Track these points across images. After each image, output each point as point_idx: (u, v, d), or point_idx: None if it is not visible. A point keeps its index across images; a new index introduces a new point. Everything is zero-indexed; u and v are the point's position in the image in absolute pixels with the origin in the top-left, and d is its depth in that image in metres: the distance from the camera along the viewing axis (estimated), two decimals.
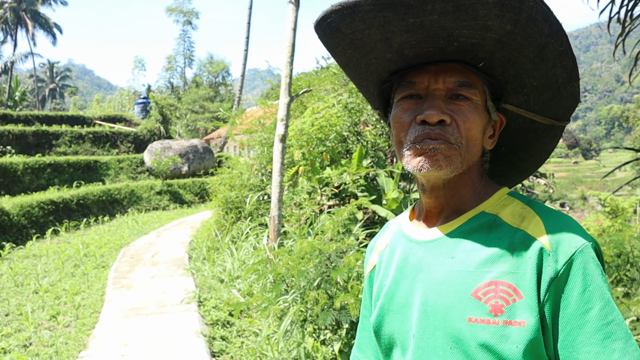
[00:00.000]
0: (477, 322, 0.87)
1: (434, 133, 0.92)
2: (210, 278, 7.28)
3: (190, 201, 19.04)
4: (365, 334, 1.21)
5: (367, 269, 1.22)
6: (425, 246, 1.01)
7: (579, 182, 62.47)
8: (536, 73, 0.94)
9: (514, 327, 0.84)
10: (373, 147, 8.57)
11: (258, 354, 4.38)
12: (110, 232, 12.41)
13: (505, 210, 0.96)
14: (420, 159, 0.93)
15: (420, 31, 0.86)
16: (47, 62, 70.87)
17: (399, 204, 6.92)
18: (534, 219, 0.91)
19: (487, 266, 0.90)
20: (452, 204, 1.01)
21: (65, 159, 18.02)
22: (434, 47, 0.91)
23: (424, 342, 0.94)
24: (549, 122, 1.04)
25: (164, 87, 48.43)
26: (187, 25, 50.82)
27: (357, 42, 0.95)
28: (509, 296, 0.86)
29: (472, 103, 0.95)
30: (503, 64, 0.94)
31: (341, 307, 3.78)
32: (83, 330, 5.27)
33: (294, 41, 6.73)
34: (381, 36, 0.90)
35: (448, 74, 0.95)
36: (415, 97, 0.97)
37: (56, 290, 6.86)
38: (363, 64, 1.01)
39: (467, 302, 0.89)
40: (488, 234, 0.94)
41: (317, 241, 4.53)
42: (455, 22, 0.84)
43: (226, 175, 9.94)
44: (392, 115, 1.00)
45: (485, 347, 0.85)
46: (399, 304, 1.02)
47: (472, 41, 0.88)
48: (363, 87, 1.11)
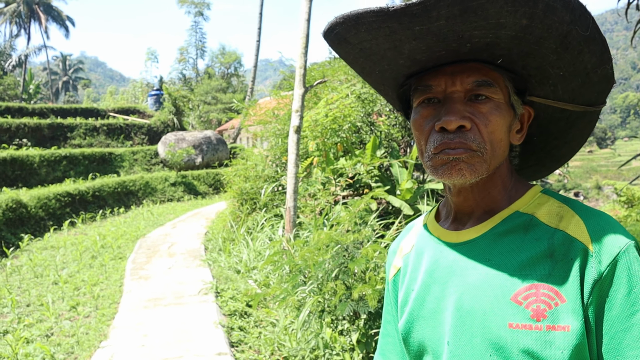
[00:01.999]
0: (519, 328, 0.83)
1: (454, 142, 0.88)
2: (227, 269, 7.34)
3: (205, 192, 19.14)
4: (389, 340, 1.17)
5: (390, 272, 1.17)
6: (458, 249, 0.97)
7: (593, 171, 61.85)
8: (561, 63, 0.88)
9: (558, 332, 0.81)
10: (387, 137, 8.55)
11: (276, 344, 4.42)
12: (126, 224, 12.53)
13: (541, 210, 0.92)
14: (443, 170, 0.90)
15: (428, 37, 0.83)
16: (60, 54, 71.38)
17: (413, 194, 6.91)
18: (574, 219, 0.87)
19: (526, 269, 0.86)
20: (482, 205, 0.97)
21: (80, 151, 18.19)
22: (446, 50, 0.87)
23: (459, 349, 0.90)
24: (581, 108, 0.98)
25: (176, 79, 48.63)
26: (199, 17, 50.91)
27: (367, 51, 0.92)
28: (551, 300, 0.83)
29: (494, 103, 0.90)
30: (523, 58, 0.89)
31: (359, 297, 3.80)
32: (103, 321, 5.35)
33: (308, 32, 6.72)
34: (389, 45, 0.88)
35: (465, 74, 0.90)
36: (434, 101, 0.92)
37: (75, 281, 6.96)
38: (377, 71, 0.99)
39: (507, 307, 0.85)
40: (524, 234, 0.90)
41: (334, 232, 4.54)
42: (464, 24, 0.80)
43: (241, 167, 9.98)
44: (412, 122, 0.96)
45: (528, 354, 0.82)
46: (430, 309, 0.98)
47: (486, 40, 0.84)
48: (381, 91, 1.08)
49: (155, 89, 32.67)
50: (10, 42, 47.06)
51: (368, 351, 3.85)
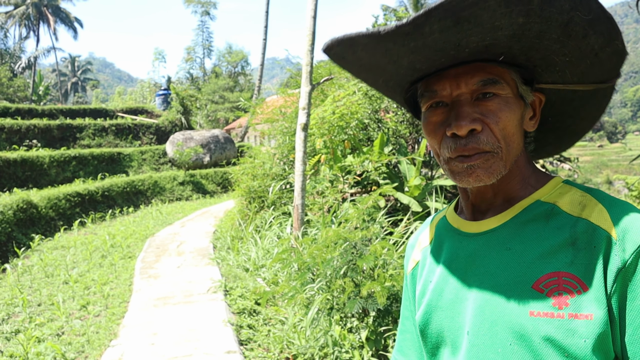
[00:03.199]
0: (540, 316, 0.82)
1: (467, 148, 0.88)
2: (235, 267, 7.35)
3: (213, 191, 19.20)
4: (407, 336, 1.17)
5: (409, 266, 1.17)
6: (477, 239, 0.96)
7: (604, 165, 61.46)
8: (566, 50, 0.86)
9: (581, 321, 0.80)
10: (394, 134, 8.52)
11: (285, 341, 4.42)
12: (135, 223, 12.59)
13: (563, 199, 0.91)
14: (460, 177, 0.90)
15: (425, 50, 0.83)
16: (68, 56, 71.81)
17: (422, 190, 6.89)
18: (597, 207, 0.86)
19: (547, 257, 0.85)
20: (502, 195, 0.97)
21: (90, 151, 18.30)
22: (445, 58, 0.86)
23: (479, 339, 0.89)
24: (593, 86, 0.96)
25: (183, 78, 48.80)
26: (205, 16, 51.03)
27: (367, 66, 0.93)
28: (573, 288, 0.82)
29: (502, 98, 0.89)
30: (525, 52, 0.87)
31: (368, 295, 3.79)
32: (113, 320, 5.38)
33: (314, 29, 6.70)
34: (388, 60, 0.88)
35: (469, 75, 0.89)
36: (442, 105, 0.92)
37: (85, 281, 7.00)
38: (381, 81, 1.00)
39: (528, 295, 0.84)
40: (546, 223, 0.89)
41: (342, 229, 4.54)
42: (459, 34, 0.79)
43: (248, 165, 10.00)
44: (423, 127, 0.96)
45: (550, 342, 0.81)
46: (448, 300, 0.97)
47: (484, 44, 0.83)
48: (390, 97, 1.08)
49: (163, 88, 32.78)
50: (19, 44, 47.41)
51: (377, 348, 3.84)
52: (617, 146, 78.14)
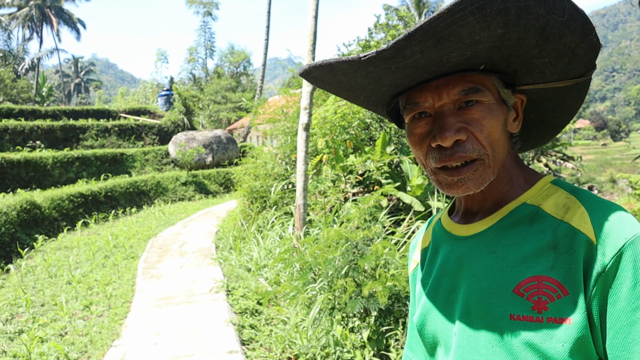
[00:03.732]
0: (520, 320, 0.83)
1: (454, 158, 0.88)
2: (238, 267, 7.36)
3: (215, 191, 19.22)
4: (414, 333, 1.17)
5: (410, 267, 1.19)
6: (466, 242, 0.98)
7: (607, 164, 61.28)
8: (544, 52, 0.86)
9: (560, 325, 0.80)
10: (396, 133, 8.52)
11: (287, 341, 4.42)
12: (138, 223, 12.62)
13: (548, 201, 0.91)
14: (449, 189, 0.92)
15: (406, 70, 0.84)
16: (71, 57, 72.02)
17: (424, 190, 6.89)
18: (579, 210, 0.86)
19: (529, 261, 0.86)
20: (491, 199, 0.98)
21: (93, 152, 18.34)
22: (427, 73, 0.87)
23: (465, 341, 0.91)
24: (573, 82, 0.96)
25: (186, 79, 48.84)
26: (207, 16, 51.06)
27: (347, 86, 0.94)
28: (553, 292, 0.82)
29: (485, 105, 0.89)
30: (505, 60, 0.88)
31: (369, 294, 3.79)
32: (116, 320, 5.39)
33: (315, 29, 6.71)
34: (369, 81, 0.89)
35: (450, 86, 0.89)
36: (425, 116, 0.92)
37: (88, 281, 7.02)
38: (362, 98, 1.00)
39: (509, 299, 0.85)
40: (530, 226, 0.89)
41: (343, 229, 4.54)
42: (440, 52, 0.80)
43: (250, 165, 10.01)
44: (408, 139, 0.96)
45: (529, 346, 0.82)
46: (441, 302, 0.99)
47: (465, 57, 0.83)
48: (372, 110, 1.08)
49: (165, 89, 32.79)
50: (23, 45, 47.56)
51: (379, 348, 3.84)
52: (621, 144, 77.91)
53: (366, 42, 10.07)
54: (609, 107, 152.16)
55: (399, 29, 9.38)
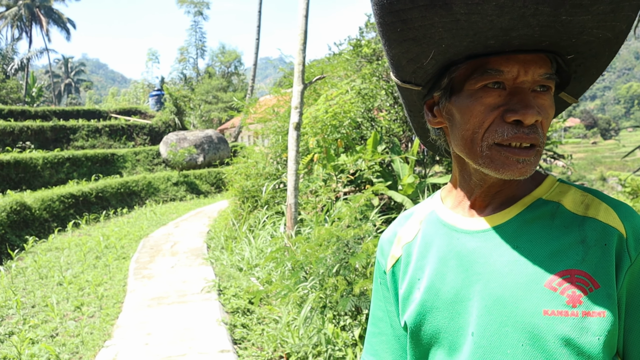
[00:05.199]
0: (555, 315, 0.81)
1: (530, 138, 0.83)
2: (229, 267, 7.36)
3: (207, 191, 19.19)
4: (382, 338, 1.10)
5: (388, 263, 1.10)
6: (479, 236, 0.93)
7: (597, 162, 61.73)
8: (609, 60, 0.86)
9: (594, 318, 0.79)
10: (387, 132, 8.55)
11: (279, 340, 4.43)
12: (130, 224, 12.57)
13: (566, 198, 0.90)
14: (505, 169, 0.84)
15: (556, 27, 0.75)
16: (61, 57, 71.48)
17: (415, 189, 6.92)
18: (601, 206, 0.87)
19: (558, 255, 0.84)
20: (505, 193, 0.94)
21: (83, 152, 18.24)
22: (550, 41, 0.79)
23: (487, 340, 0.86)
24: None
25: (177, 79, 48.74)
26: (198, 16, 50.99)
27: (426, 35, 0.80)
28: (585, 285, 0.81)
29: (551, 95, 0.86)
30: (587, 58, 0.85)
31: (360, 293, 3.81)
32: (107, 320, 5.38)
33: (306, 28, 6.72)
34: (464, 30, 0.77)
35: (537, 64, 0.83)
36: (499, 88, 0.84)
37: (79, 282, 6.99)
38: (432, 53, 0.84)
39: (541, 294, 0.82)
40: (551, 221, 0.88)
41: (334, 228, 4.55)
42: (600, 21, 0.74)
43: (242, 165, 10.01)
44: (465, 106, 0.87)
45: (565, 341, 0.80)
46: (446, 299, 0.93)
47: (590, 38, 0.78)
48: (414, 61, 0.88)
49: (156, 89, 32.68)
50: (12, 45, 47.14)
51: None
52: (611, 143, 78.45)
53: (357, 41, 10.09)
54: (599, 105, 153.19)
55: None
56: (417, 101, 1.00)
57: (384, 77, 8.82)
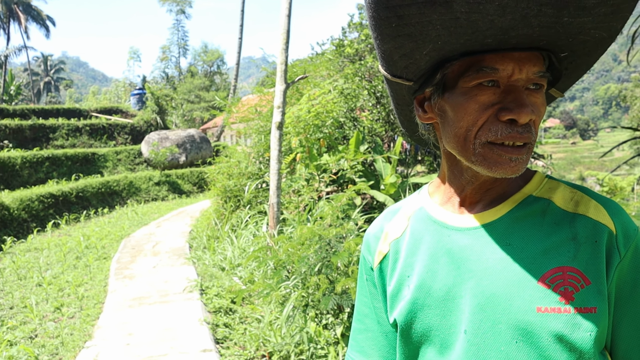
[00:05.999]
0: (548, 312, 0.81)
1: (523, 137, 0.82)
2: (212, 266, 7.33)
3: (189, 191, 19.07)
4: (369, 335, 1.08)
5: (375, 259, 1.07)
6: (470, 233, 0.92)
7: (577, 162, 62.50)
8: (599, 56, 0.87)
9: (586, 314, 0.81)
10: (370, 132, 8.59)
11: (261, 339, 4.43)
12: (111, 224, 12.45)
13: (556, 195, 0.91)
14: (497, 167, 0.84)
15: (556, 27, 0.76)
16: (41, 55, 70.47)
17: (397, 188, 6.96)
18: (591, 203, 0.88)
19: (550, 252, 0.85)
20: (498, 189, 0.94)
21: (63, 152, 18.00)
22: (547, 40, 0.80)
23: (480, 338, 0.86)
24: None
25: (159, 78, 48.37)
26: (181, 15, 50.69)
27: (422, 31, 0.78)
28: (577, 282, 0.82)
29: (543, 93, 0.86)
30: (580, 56, 0.86)
31: (342, 291, 3.83)
32: (88, 321, 5.33)
33: (288, 28, 6.72)
34: (460, 27, 0.76)
35: (531, 63, 0.83)
36: (493, 86, 0.84)
37: (59, 283, 6.91)
38: (428, 48, 0.82)
39: (534, 291, 0.83)
40: (542, 219, 0.89)
41: (316, 227, 4.57)
42: (599, 22, 0.75)
43: (224, 164, 9.97)
44: (459, 103, 0.86)
45: (558, 338, 0.81)
46: (437, 297, 0.92)
47: (587, 38, 0.79)
48: (407, 56, 0.86)
49: (137, 88, 32.37)
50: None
51: None
52: (590, 143, 79.51)
53: (340, 41, 10.12)
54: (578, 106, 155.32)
55: None
56: (407, 96, 0.99)
57: (366, 77, 8.86)
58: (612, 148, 6.84)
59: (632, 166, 28.23)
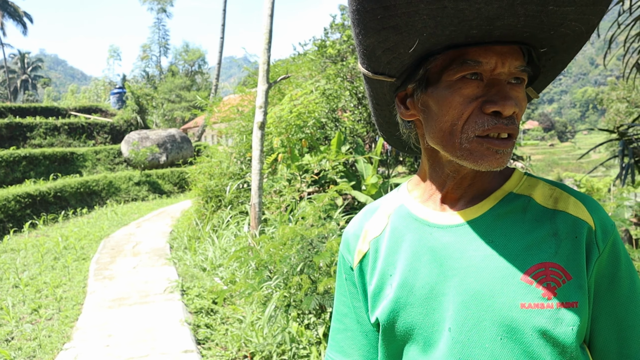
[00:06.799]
0: (531, 307, 0.82)
1: (508, 128, 0.83)
2: (193, 267, 7.29)
3: (170, 191, 18.92)
4: (348, 334, 1.07)
5: (355, 258, 1.06)
6: (452, 231, 0.93)
7: (555, 164, 63.32)
8: (573, 55, 0.89)
9: (568, 309, 0.82)
10: (351, 133, 8.62)
11: (243, 339, 4.42)
12: (90, 224, 12.29)
13: (536, 192, 0.92)
14: (483, 160, 0.84)
15: (541, 17, 0.76)
16: (17, 52, 69.27)
17: (378, 189, 6.99)
18: (570, 200, 0.90)
19: (532, 249, 0.86)
20: (476, 187, 0.95)
21: (41, 151, 17.71)
22: (530, 33, 0.80)
23: (464, 335, 0.86)
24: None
25: (139, 77, 47.93)
26: (162, 13, 50.21)
27: (408, 24, 0.78)
28: (559, 277, 0.83)
29: (524, 88, 0.87)
30: (558, 53, 0.87)
31: (324, 291, 3.84)
32: (66, 323, 5.26)
33: (271, 28, 6.71)
34: (448, 18, 0.76)
35: (513, 56, 0.84)
36: (477, 79, 0.84)
37: (37, 284, 6.81)
38: (415, 40, 0.81)
39: (517, 287, 0.84)
40: (524, 215, 0.90)
41: (298, 227, 4.57)
42: (580, 13, 0.76)
43: (205, 164, 9.92)
44: (443, 97, 0.86)
45: (542, 333, 0.82)
46: (420, 295, 0.92)
47: (566, 31, 0.80)
48: (390, 50, 0.86)
49: (117, 87, 31.99)
50: None
51: None
52: (567, 145, 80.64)
53: (322, 42, 10.13)
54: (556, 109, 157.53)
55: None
56: (388, 93, 0.98)
57: (348, 78, 8.89)
58: (589, 150, 6.99)
59: (608, 168, 28.77)
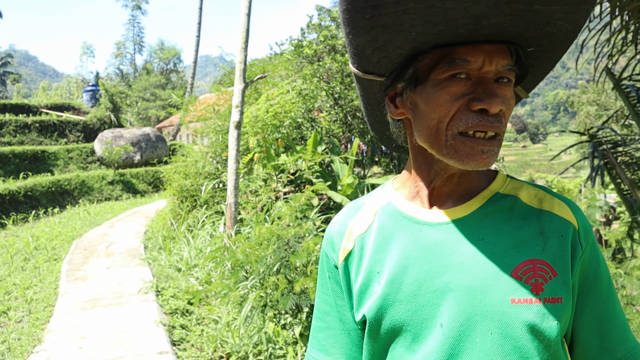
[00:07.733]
0: (521, 302, 0.85)
1: (494, 126, 0.84)
2: (167, 267, 7.22)
3: (144, 191, 18.69)
4: (330, 333, 1.07)
5: (339, 256, 1.05)
6: (442, 228, 0.94)
7: (527, 165, 64.37)
8: (560, 55, 0.90)
9: (553, 304, 0.86)
10: (327, 133, 8.65)
11: (219, 340, 4.40)
12: (61, 224, 12.07)
13: (522, 192, 0.96)
14: (469, 160, 0.85)
15: (527, 16, 0.77)
16: None
17: (354, 189, 7.03)
18: (554, 201, 0.94)
19: (521, 246, 0.89)
20: (464, 186, 0.97)
21: (10, 149, 17.32)
22: (517, 32, 0.81)
23: (456, 331, 0.87)
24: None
25: (113, 75, 47.23)
26: (137, 10, 49.57)
27: (396, 22, 0.78)
28: (546, 274, 0.87)
29: (511, 87, 0.88)
30: (545, 52, 0.89)
31: (301, 291, 3.84)
32: (37, 325, 5.16)
33: (248, 27, 6.69)
34: (438, 16, 0.76)
35: (500, 55, 0.85)
36: (464, 78, 0.85)
37: (6, 285, 6.66)
38: (403, 38, 0.82)
39: (508, 283, 0.87)
40: (511, 214, 0.93)
41: (275, 227, 4.57)
42: (565, 12, 0.77)
43: (181, 164, 9.84)
44: (431, 95, 0.87)
45: (530, 328, 0.85)
46: (409, 292, 0.92)
47: (553, 31, 0.81)
48: (380, 50, 0.86)
49: (91, 84, 31.50)
50: None
51: None
52: (539, 147, 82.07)
53: (299, 42, 10.13)
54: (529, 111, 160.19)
55: (331, 29, 9.49)
56: (378, 93, 0.99)
57: (324, 79, 8.91)
58: (560, 152, 7.13)
59: (579, 169, 29.40)
